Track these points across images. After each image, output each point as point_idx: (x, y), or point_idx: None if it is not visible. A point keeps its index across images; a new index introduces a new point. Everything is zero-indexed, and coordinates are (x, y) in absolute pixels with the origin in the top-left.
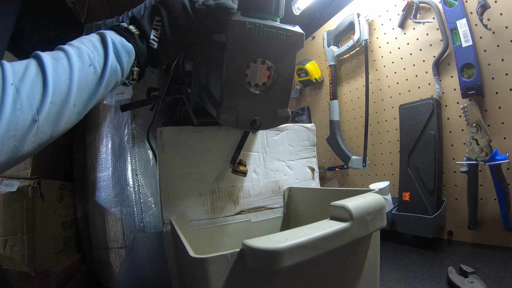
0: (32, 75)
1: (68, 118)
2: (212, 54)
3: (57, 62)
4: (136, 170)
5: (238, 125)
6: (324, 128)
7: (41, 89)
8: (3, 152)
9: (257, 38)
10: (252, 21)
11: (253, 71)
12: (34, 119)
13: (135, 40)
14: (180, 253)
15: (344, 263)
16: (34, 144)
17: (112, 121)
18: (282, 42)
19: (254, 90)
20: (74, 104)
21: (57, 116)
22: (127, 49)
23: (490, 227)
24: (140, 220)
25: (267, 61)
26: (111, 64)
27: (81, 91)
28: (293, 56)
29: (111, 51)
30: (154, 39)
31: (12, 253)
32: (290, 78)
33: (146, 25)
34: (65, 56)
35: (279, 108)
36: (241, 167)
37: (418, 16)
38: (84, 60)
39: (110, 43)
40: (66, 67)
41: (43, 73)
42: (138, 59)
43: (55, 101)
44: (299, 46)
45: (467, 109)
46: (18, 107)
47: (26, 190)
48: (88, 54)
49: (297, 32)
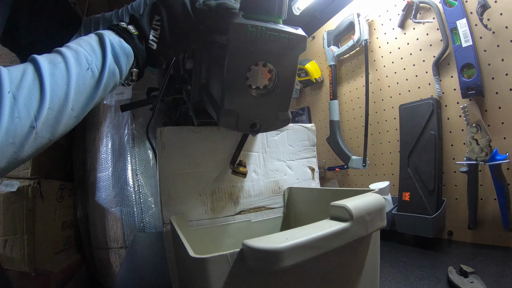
0: (29, 81)
1: (67, 122)
2: (213, 54)
3: (55, 67)
4: (136, 170)
5: (238, 128)
6: (324, 128)
7: (39, 95)
8: (3, 158)
9: (259, 41)
10: (254, 23)
11: (254, 74)
12: (32, 125)
13: (134, 41)
14: (180, 253)
15: (344, 263)
16: (33, 148)
17: (112, 121)
18: (284, 45)
19: (255, 93)
20: (72, 108)
21: (55, 121)
22: (126, 51)
23: (490, 227)
24: (140, 220)
25: (269, 64)
26: (109, 67)
27: (79, 95)
28: (295, 59)
29: (109, 53)
30: (153, 40)
31: (12, 253)
32: (291, 81)
33: (145, 25)
34: (63, 60)
35: (280, 112)
36: (241, 168)
37: (418, 16)
38: (81, 64)
39: (108, 45)
40: (63, 71)
41: (40, 79)
42: (137, 60)
43: (53, 107)
44: (301, 49)
45: (467, 109)
46: (16, 115)
47: (26, 190)
48: (86, 57)
49: (300, 35)
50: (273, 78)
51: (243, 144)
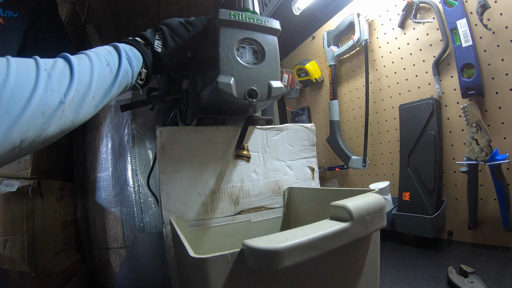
0: (61, 66)
1: (87, 108)
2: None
3: (80, 60)
4: (136, 170)
5: (235, 93)
6: (324, 128)
7: (69, 77)
8: (32, 127)
9: (241, 23)
10: (235, 12)
11: (243, 51)
12: (61, 101)
13: (141, 47)
14: (180, 253)
15: (344, 263)
16: (57, 127)
17: (112, 121)
18: (262, 26)
19: (246, 64)
20: (94, 96)
21: (79, 104)
22: (136, 55)
23: (490, 227)
24: (140, 220)
25: (253, 43)
26: (124, 66)
27: (99, 86)
28: (274, 38)
29: (124, 56)
30: (158, 45)
31: (12, 253)
32: (275, 55)
33: (149, 36)
34: (86, 57)
35: (272, 80)
36: (244, 152)
37: (418, 16)
38: (102, 61)
39: (122, 50)
40: (88, 64)
41: (70, 66)
42: (145, 62)
43: (79, 90)
44: (276, 30)
45: (467, 109)
46: (49, 88)
47: (26, 190)
48: (105, 57)
49: (272, 20)
50: (259, 56)
51: (245, 131)
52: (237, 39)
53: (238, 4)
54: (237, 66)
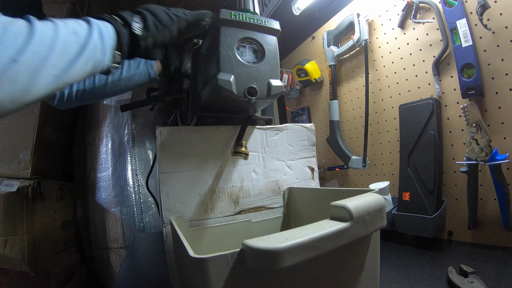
0: (21, 24)
1: (46, 78)
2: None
3: (44, 24)
4: (136, 170)
5: (235, 90)
6: (324, 128)
7: (26, 35)
8: None
9: (242, 23)
10: (236, 12)
11: (243, 50)
12: (13, 58)
13: (118, 26)
14: (180, 253)
15: (344, 263)
16: (7, 92)
17: (112, 121)
18: (262, 26)
19: (246, 63)
20: (55, 64)
21: (36, 69)
22: (109, 32)
23: (490, 227)
24: (140, 220)
25: (253, 42)
26: (94, 39)
27: (63, 54)
28: (274, 38)
29: (96, 29)
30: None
31: (12, 253)
32: (275, 54)
33: (127, 15)
34: (51, 22)
35: (272, 78)
36: (242, 148)
37: (418, 16)
38: (68, 29)
39: (94, 24)
40: (51, 28)
41: (30, 25)
42: (121, 43)
43: (38, 51)
44: (276, 31)
45: (467, 109)
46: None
47: (26, 190)
48: (73, 26)
49: (272, 20)
50: (258, 55)
51: (244, 129)
52: (237, 38)
53: (239, 4)
54: (237, 65)
